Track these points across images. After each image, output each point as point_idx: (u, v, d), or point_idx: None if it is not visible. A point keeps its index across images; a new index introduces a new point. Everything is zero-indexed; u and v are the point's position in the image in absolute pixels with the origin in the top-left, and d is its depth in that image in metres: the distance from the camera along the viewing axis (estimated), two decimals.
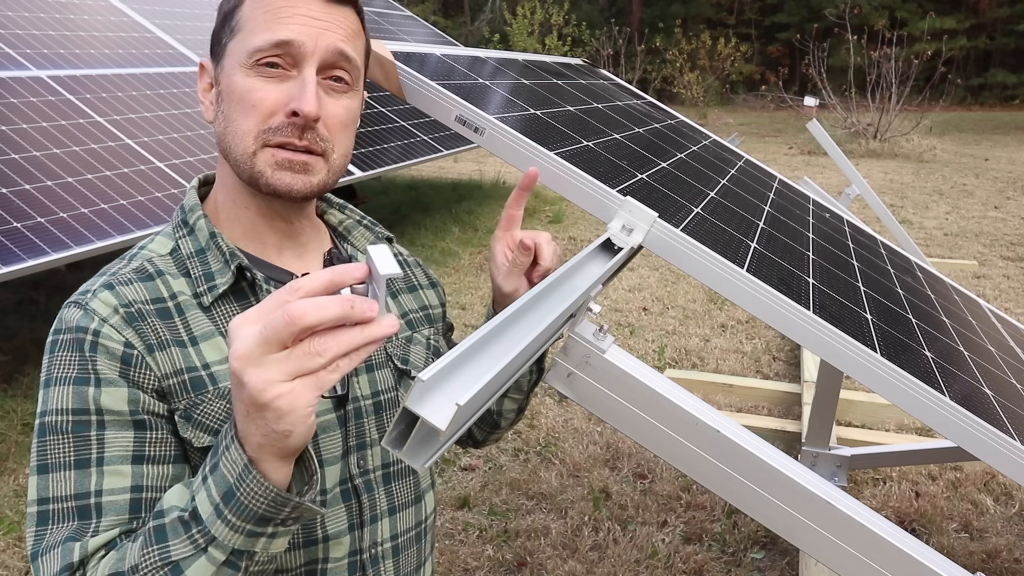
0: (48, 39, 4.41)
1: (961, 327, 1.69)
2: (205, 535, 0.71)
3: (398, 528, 0.99)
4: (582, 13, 23.49)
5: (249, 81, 0.87)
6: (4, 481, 2.79)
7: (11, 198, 3.13)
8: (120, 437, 0.82)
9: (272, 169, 0.87)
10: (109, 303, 0.85)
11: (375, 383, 0.98)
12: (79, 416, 0.81)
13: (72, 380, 0.82)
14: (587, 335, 0.92)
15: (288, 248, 0.97)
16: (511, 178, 9.30)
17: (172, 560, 0.71)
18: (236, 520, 0.71)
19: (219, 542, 0.71)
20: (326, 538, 0.92)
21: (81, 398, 0.81)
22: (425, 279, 1.15)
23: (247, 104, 0.86)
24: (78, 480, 0.80)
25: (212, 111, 0.93)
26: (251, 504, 0.70)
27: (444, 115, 1.15)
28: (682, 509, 2.71)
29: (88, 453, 0.81)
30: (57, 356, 0.83)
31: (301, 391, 0.65)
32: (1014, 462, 1.06)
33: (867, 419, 3.39)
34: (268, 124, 0.86)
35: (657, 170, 1.40)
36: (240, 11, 0.89)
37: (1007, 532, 2.62)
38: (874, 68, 13.80)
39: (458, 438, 1.19)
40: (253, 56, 0.86)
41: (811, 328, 1.07)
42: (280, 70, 0.87)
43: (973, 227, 7.28)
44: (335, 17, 0.89)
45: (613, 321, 4.62)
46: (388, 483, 0.98)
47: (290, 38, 0.86)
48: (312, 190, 0.90)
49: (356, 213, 1.08)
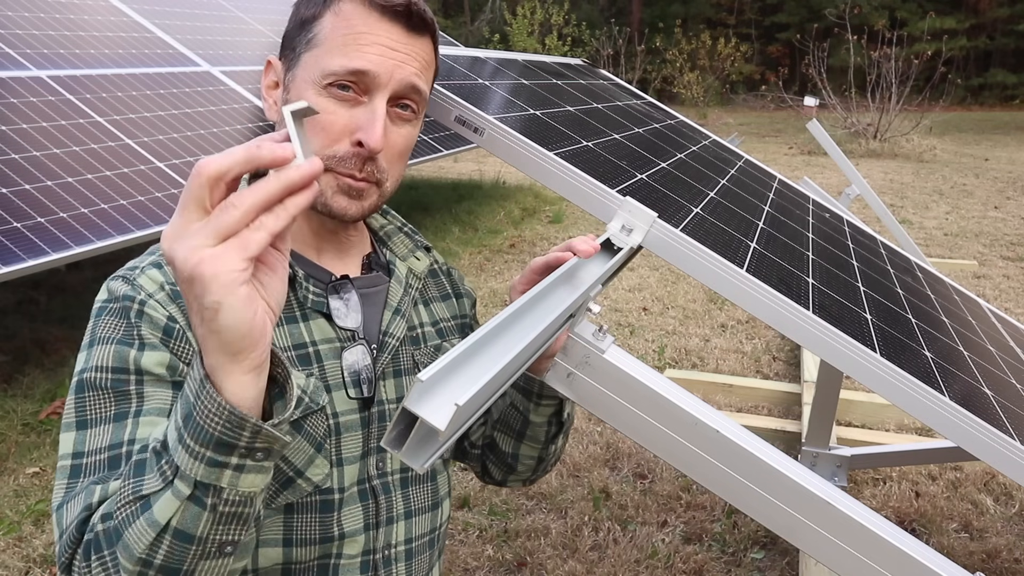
0: (48, 39, 4.41)
1: (961, 327, 1.69)
2: (171, 465, 0.66)
3: (413, 532, 1.00)
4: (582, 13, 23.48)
5: (320, 101, 0.87)
6: (4, 481, 2.79)
7: (11, 198, 3.13)
8: (157, 393, 0.82)
9: (332, 192, 0.89)
10: (156, 280, 0.86)
11: (401, 388, 0.99)
12: (118, 374, 0.82)
13: (115, 340, 0.83)
14: (587, 335, 0.92)
15: (328, 250, 0.99)
16: (511, 178, 9.30)
17: (143, 495, 0.67)
18: (195, 445, 0.65)
19: (182, 472, 0.65)
20: (342, 535, 0.93)
21: (122, 358, 0.82)
22: (458, 288, 1.15)
23: (316, 124, 0.87)
24: (114, 432, 0.80)
25: (275, 112, 0.94)
26: (206, 424, 0.64)
27: (444, 115, 1.15)
28: (682, 509, 2.71)
29: (126, 407, 0.81)
30: (103, 320, 0.85)
31: (223, 252, 0.59)
32: (1014, 462, 1.06)
33: (867, 419, 3.39)
34: (334, 151, 0.88)
35: (657, 170, 1.40)
36: (320, 24, 0.89)
37: (1007, 532, 2.62)
38: (874, 68, 13.80)
39: (474, 463, 1.19)
40: (327, 78, 0.87)
41: (811, 328, 1.07)
42: (352, 94, 0.88)
43: (973, 227, 7.28)
44: (413, 49, 0.90)
45: (613, 321, 4.62)
46: (406, 487, 0.99)
47: (366, 68, 0.86)
48: (363, 214, 0.93)
49: (397, 219, 1.10)
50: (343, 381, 0.93)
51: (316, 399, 0.91)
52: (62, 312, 4.36)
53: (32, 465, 2.90)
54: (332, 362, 0.93)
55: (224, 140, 4.35)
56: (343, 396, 0.93)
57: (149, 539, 0.67)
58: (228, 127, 4.52)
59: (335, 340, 0.93)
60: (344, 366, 0.93)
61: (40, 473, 2.85)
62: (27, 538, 2.49)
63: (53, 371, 3.63)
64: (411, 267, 1.05)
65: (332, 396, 0.92)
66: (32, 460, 2.94)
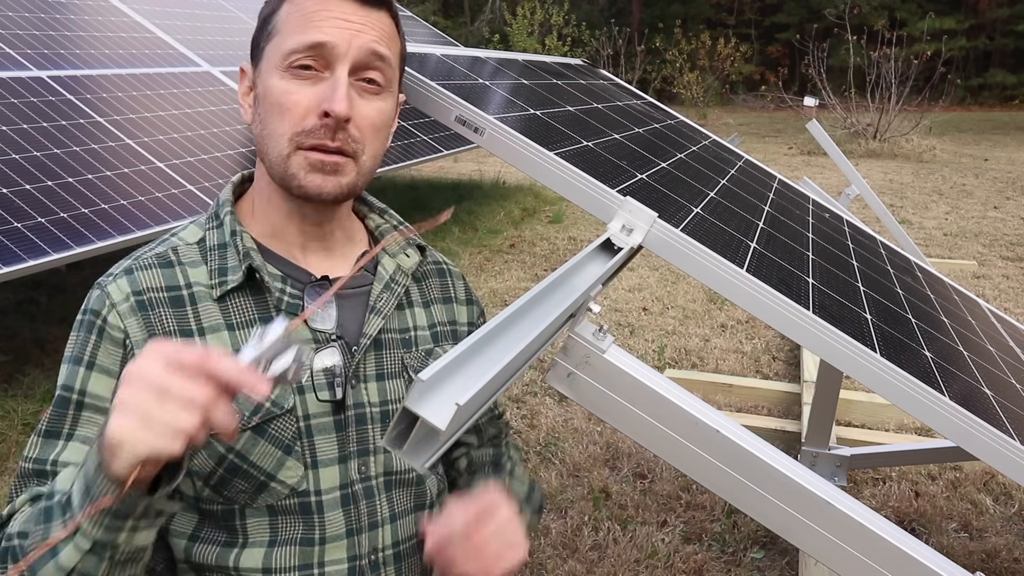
0: (48, 39, 4.41)
1: (961, 327, 1.69)
2: (72, 522, 0.74)
3: (400, 535, 0.99)
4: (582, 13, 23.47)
5: (283, 84, 0.88)
6: (4, 481, 2.79)
7: (11, 198, 3.13)
8: (93, 420, 0.88)
9: (305, 172, 0.89)
10: (123, 289, 0.90)
11: (384, 392, 0.98)
12: (65, 392, 0.89)
13: (72, 359, 0.90)
14: (587, 335, 0.92)
15: (314, 250, 0.98)
16: (511, 178, 9.30)
17: (50, 543, 0.75)
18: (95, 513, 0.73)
19: (83, 530, 0.73)
20: (323, 540, 0.92)
21: (72, 377, 0.89)
22: (463, 294, 1.13)
23: (282, 107, 0.88)
24: (42, 448, 0.88)
25: (250, 113, 0.95)
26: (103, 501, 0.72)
27: (444, 115, 1.15)
28: (682, 509, 2.71)
29: (60, 427, 0.88)
30: (73, 335, 0.91)
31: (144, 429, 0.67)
32: (1014, 462, 1.06)
33: (867, 419, 3.39)
34: (301, 126, 0.88)
35: (657, 170, 1.40)
36: (277, 15, 0.91)
37: (1006, 532, 2.62)
38: (874, 68, 13.79)
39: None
40: (288, 58, 0.88)
41: (811, 328, 1.07)
42: (313, 72, 0.88)
43: (973, 227, 7.29)
44: (369, 19, 0.91)
45: (613, 321, 4.63)
46: (390, 490, 0.98)
47: (323, 40, 0.87)
48: (342, 191, 0.91)
49: (394, 218, 1.09)
50: (314, 384, 0.93)
51: (281, 402, 0.90)
52: (62, 312, 4.36)
53: None
54: None
55: (224, 140, 4.36)
56: (314, 398, 0.93)
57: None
58: (228, 127, 4.52)
59: (310, 342, 0.93)
60: (315, 368, 0.93)
61: None
62: None
63: (53, 371, 3.62)
64: (400, 264, 1.03)
65: (305, 398, 0.92)
66: None
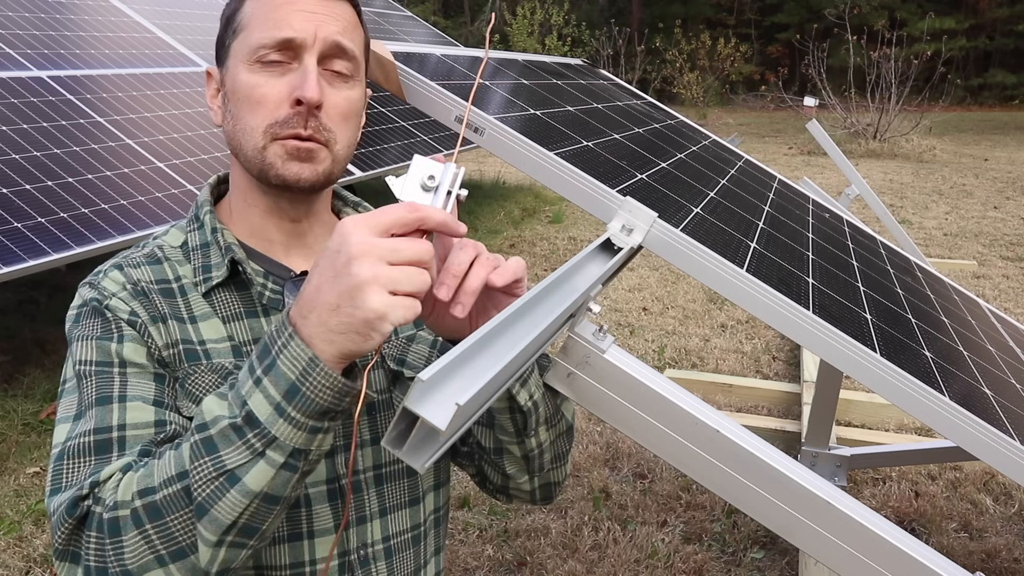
0: (48, 39, 4.41)
1: (961, 327, 1.69)
2: (263, 438, 0.71)
3: (390, 530, 0.99)
4: (582, 13, 23.48)
5: (253, 78, 0.89)
6: (4, 481, 2.79)
7: (11, 198, 3.13)
8: (142, 382, 0.86)
9: (282, 160, 0.90)
10: (118, 281, 0.91)
11: (368, 384, 0.98)
12: (102, 366, 0.86)
13: (95, 337, 0.87)
14: (587, 335, 0.92)
15: (295, 248, 0.99)
16: (511, 178, 9.30)
17: (227, 469, 0.71)
18: (300, 416, 0.71)
19: (279, 443, 0.71)
20: (311, 534, 0.92)
21: (104, 351, 0.86)
22: None
23: (253, 100, 0.89)
24: (99, 416, 0.82)
25: (220, 114, 0.96)
26: (317, 397, 0.71)
27: (444, 115, 1.15)
28: (682, 509, 2.71)
29: (110, 391, 0.84)
30: (81, 323, 0.89)
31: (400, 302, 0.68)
32: (1014, 462, 1.06)
33: (867, 419, 3.39)
34: (275, 117, 0.89)
35: (657, 170, 1.40)
36: (241, 12, 0.93)
37: (1006, 532, 2.62)
38: (874, 68, 13.79)
39: (468, 464, 1.14)
40: (255, 53, 0.89)
41: (811, 328, 1.07)
42: (282, 65, 0.89)
43: (973, 227, 7.29)
44: (331, 10, 0.92)
45: (613, 321, 4.63)
46: (380, 484, 0.98)
47: (291, 35, 0.88)
48: (319, 179, 0.92)
49: (369, 209, 1.08)
50: None
51: None
52: (62, 312, 4.36)
53: (32, 465, 2.90)
54: None
55: (224, 140, 4.36)
56: None
57: (240, 508, 0.72)
58: None
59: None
60: None
61: (40, 473, 2.85)
62: (27, 538, 2.49)
63: (53, 371, 3.62)
64: None
65: None
66: (32, 460, 2.94)
